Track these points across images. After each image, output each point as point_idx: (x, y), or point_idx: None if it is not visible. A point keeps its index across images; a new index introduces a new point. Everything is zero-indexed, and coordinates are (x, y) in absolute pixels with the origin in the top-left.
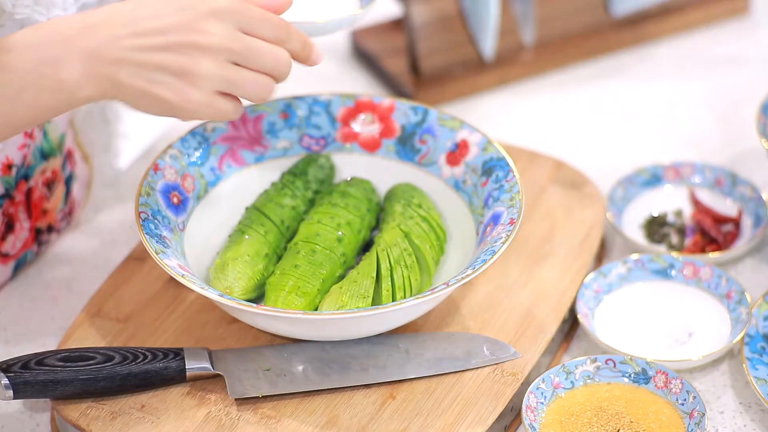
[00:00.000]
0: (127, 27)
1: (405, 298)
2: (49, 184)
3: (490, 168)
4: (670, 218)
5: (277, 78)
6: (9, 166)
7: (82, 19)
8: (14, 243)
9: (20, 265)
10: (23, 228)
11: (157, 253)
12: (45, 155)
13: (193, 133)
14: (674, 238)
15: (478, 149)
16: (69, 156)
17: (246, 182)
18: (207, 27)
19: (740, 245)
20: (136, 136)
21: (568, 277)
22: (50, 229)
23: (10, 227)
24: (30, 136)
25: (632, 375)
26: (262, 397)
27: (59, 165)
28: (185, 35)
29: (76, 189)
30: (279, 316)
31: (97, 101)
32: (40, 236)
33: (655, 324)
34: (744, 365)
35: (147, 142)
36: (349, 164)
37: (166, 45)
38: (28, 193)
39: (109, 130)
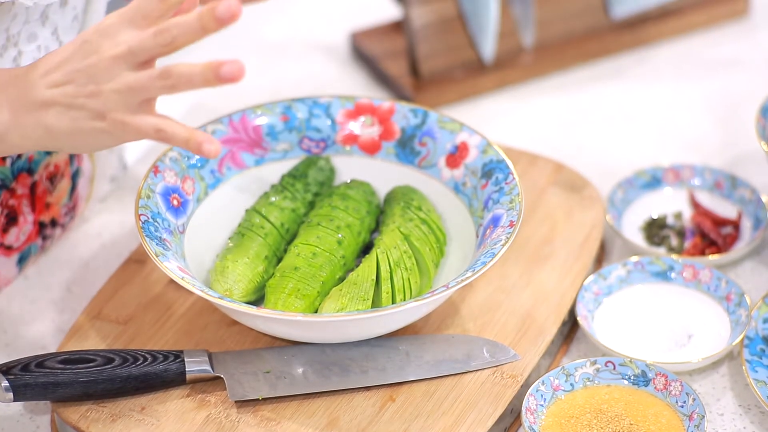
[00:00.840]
0: (42, 69)
1: (405, 300)
2: (52, 178)
3: (490, 170)
4: (670, 220)
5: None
6: (2, 157)
7: (11, 71)
8: (18, 236)
9: (24, 259)
10: (27, 221)
11: (157, 256)
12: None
13: None
14: (674, 241)
15: (478, 151)
16: None
17: (246, 185)
18: (102, 46)
19: (740, 247)
20: None
21: (567, 280)
22: (54, 223)
23: (12, 220)
24: None
25: (632, 377)
26: (262, 399)
27: (62, 159)
28: (85, 58)
29: (81, 184)
30: (279, 319)
31: (31, 151)
32: (44, 230)
33: (654, 326)
34: (743, 367)
35: (147, 143)
36: (348, 166)
37: (71, 73)
38: (33, 187)
39: None
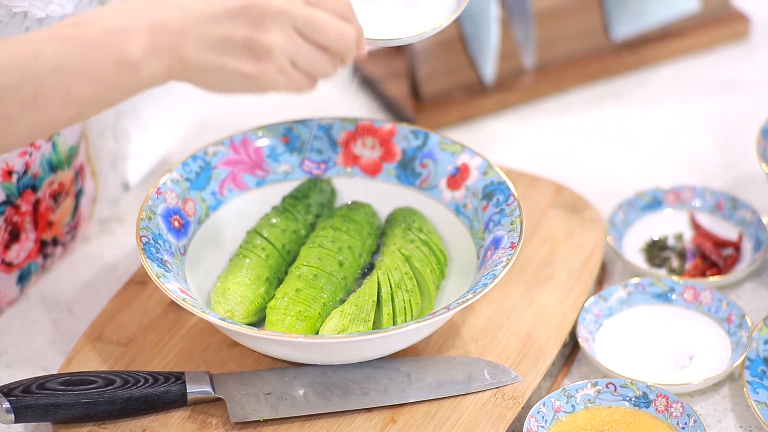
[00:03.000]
0: (196, 2)
1: (406, 321)
2: (55, 196)
3: (491, 192)
4: (671, 242)
5: (340, 54)
6: (9, 173)
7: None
8: (18, 253)
9: (25, 277)
10: (29, 238)
11: (158, 277)
12: (53, 167)
13: (194, 157)
14: (675, 262)
15: (479, 173)
16: (81, 170)
17: (247, 206)
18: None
19: (741, 269)
20: (143, 156)
21: (568, 301)
22: (55, 242)
23: (15, 236)
24: (32, 143)
25: (633, 399)
26: (263, 420)
27: (67, 178)
28: (251, 2)
29: (83, 204)
30: (280, 340)
31: (163, 83)
32: (45, 248)
33: (655, 348)
34: (745, 389)
35: (150, 164)
36: (350, 188)
37: (230, 15)
38: (36, 204)
39: (117, 148)
